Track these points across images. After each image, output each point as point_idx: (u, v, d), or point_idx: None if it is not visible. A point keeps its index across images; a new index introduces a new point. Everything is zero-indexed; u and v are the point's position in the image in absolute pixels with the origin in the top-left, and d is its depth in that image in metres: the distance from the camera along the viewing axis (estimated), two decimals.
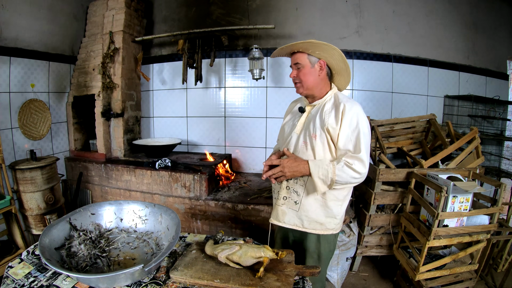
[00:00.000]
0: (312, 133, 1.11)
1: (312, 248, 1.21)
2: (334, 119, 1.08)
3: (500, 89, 2.75)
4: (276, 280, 0.88)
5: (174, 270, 0.94)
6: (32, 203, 2.13)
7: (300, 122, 1.19)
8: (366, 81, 2.57)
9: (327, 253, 1.24)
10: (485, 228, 1.61)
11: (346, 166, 1.02)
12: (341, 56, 1.12)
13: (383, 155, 1.88)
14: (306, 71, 1.14)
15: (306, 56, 1.14)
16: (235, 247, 0.97)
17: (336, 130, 1.07)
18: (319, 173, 1.03)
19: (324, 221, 1.16)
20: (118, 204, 1.24)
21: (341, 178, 1.02)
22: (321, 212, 1.16)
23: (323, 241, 1.20)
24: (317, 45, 1.09)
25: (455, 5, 2.58)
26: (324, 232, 1.18)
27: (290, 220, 1.19)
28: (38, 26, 2.33)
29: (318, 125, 1.11)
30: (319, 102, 1.17)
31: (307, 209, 1.15)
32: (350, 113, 1.06)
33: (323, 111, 1.12)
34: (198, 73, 2.52)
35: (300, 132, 1.17)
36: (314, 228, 1.17)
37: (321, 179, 1.03)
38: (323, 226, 1.17)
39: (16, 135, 2.22)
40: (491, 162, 2.68)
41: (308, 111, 1.19)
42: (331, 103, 1.13)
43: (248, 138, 2.73)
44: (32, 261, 1.01)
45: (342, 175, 1.02)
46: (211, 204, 2.11)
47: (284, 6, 2.54)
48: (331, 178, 1.02)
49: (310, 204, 1.15)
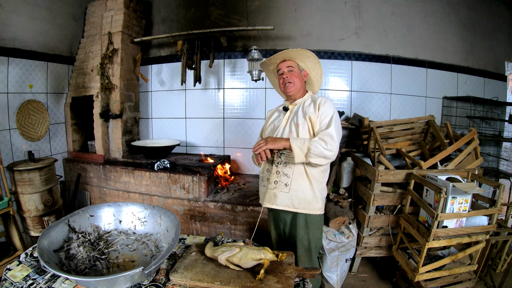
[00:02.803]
0: (296, 122, 1.34)
1: (302, 233, 1.37)
2: (313, 109, 1.33)
3: (498, 90, 2.77)
4: (277, 282, 0.88)
5: (174, 272, 0.93)
6: (30, 205, 2.11)
7: (285, 117, 1.42)
8: (365, 82, 2.58)
9: (316, 240, 1.40)
10: (484, 228, 1.61)
11: (320, 139, 1.23)
12: (321, 71, 1.44)
13: (382, 157, 1.88)
14: (297, 74, 1.40)
15: (297, 64, 1.41)
16: (235, 249, 0.96)
17: (314, 115, 1.31)
18: (297, 143, 1.23)
19: (311, 200, 1.34)
20: (117, 206, 1.23)
21: (315, 148, 1.20)
22: (309, 191, 1.34)
23: (311, 226, 1.37)
24: (307, 56, 1.37)
25: (454, 7, 2.59)
26: (311, 212, 1.35)
27: (282, 202, 1.35)
28: (37, 26, 2.32)
29: (301, 115, 1.35)
30: (299, 101, 1.42)
31: (296, 189, 1.33)
32: (325, 104, 1.32)
33: (304, 106, 1.38)
34: (197, 74, 2.52)
35: (285, 125, 1.39)
36: (303, 208, 1.34)
37: (299, 147, 1.22)
38: (311, 206, 1.35)
39: (14, 136, 2.21)
40: (489, 163, 2.69)
41: (291, 108, 1.43)
42: (310, 100, 1.39)
43: (247, 140, 2.73)
44: (31, 264, 1.01)
45: (316, 145, 1.21)
46: (210, 205, 2.11)
47: (283, 7, 2.54)
48: (308, 146, 1.21)
49: (299, 184, 1.33)
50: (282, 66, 1.40)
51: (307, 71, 1.45)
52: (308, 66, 1.43)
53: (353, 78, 2.57)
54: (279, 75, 1.44)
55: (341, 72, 2.55)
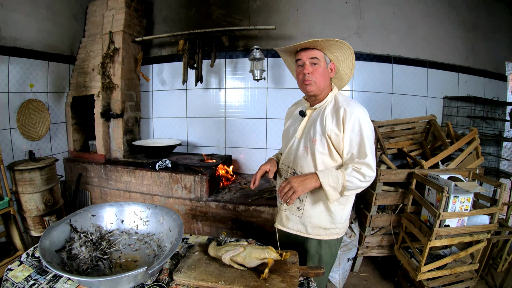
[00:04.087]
0: (312, 138, 1.09)
1: (313, 251, 1.20)
2: (336, 125, 1.05)
3: (499, 90, 2.77)
4: (281, 281, 0.88)
5: (178, 272, 0.93)
6: (31, 205, 2.11)
7: (301, 126, 1.17)
8: (366, 82, 2.58)
9: (329, 258, 1.22)
10: (486, 228, 1.61)
11: (355, 171, 1.01)
12: (353, 63, 1.13)
13: (384, 156, 1.89)
14: (322, 70, 1.09)
15: (323, 54, 1.10)
16: (239, 249, 0.96)
17: (339, 136, 1.05)
18: (329, 181, 1.01)
19: (328, 226, 1.15)
20: (119, 206, 1.23)
21: (351, 184, 1.01)
22: (325, 218, 1.14)
23: (324, 245, 1.19)
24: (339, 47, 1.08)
25: (454, 7, 2.60)
26: (327, 238, 1.17)
27: (294, 226, 1.19)
28: (37, 25, 2.31)
29: (319, 130, 1.08)
30: (319, 105, 1.14)
31: (310, 215, 1.14)
32: (352, 118, 1.03)
33: (324, 115, 1.09)
34: (198, 73, 2.52)
35: (301, 137, 1.15)
36: (318, 234, 1.16)
37: (332, 187, 1.01)
38: (327, 231, 1.16)
39: (14, 135, 2.20)
40: (489, 163, 2.70)
41: (308, 114, 1.17)
42: (331, 107, 1.10)
43: (249, 139, 2.72)
44: (32, 264, 1.00)
45: (352, 180, 1.01)
46: (212, 205, 2.10)
47: (285, 7, 2.54)
48: (342, 184, 1.00)
49: (313, 209, 1.14)
50: (304, 56, 1.08)
51: (336, 64, 1.14)
52: (337, 58, 1.12)
53: (354, 78, 2.57)
54: (297, 66, 1.13)
55: None
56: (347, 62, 1.14)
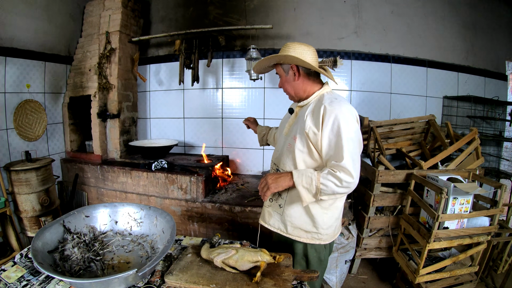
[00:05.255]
0: (294, 135, 1.09)
1: (300, 254, 1.15)
2: (314, 123, 1.01)
3: (499, 90, 2.75)
4: (274, 285, 0.86)
5: (169, 274, 0.91)
6: (27, 205, 2.10)
7: (289, 123, 1.19)
8: (365, 82, 2.56)
9: (317, 262, 1.16)
10: (486, 229, 1.59)
11: (331, 174, 0.93)
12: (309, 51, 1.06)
13: (382, 157, 1.86)
14: (283, 80, 1.16)
15: (280, 66, 1.15)
16: (232, 251, 0.95)
17: (317, 135, 1.00)
18: (302, 182, 0.96)
19: (310, 230, 1.11)
20: (113, 207, 1.22)
21: (326, 187, 0.94)
22: (306, 219, 1.10)
23: (311, 250, 1.14)
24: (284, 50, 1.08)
25: (454, 6, 2.57)
26: (310, 241, 1.12)
27: (275, 223, 1.18)
28: (34, 26, 2.30)
29: (299, 128, 1.07)
30: (305, 102, 1.13)
31: (290, 214, 1.12)
32: (331, 116, 0.97)
33: (306, 113, 1.07)
34: (195, 73, 2.50)
35: (287, 134, 1.17)
36: (298, 236, 1.13)
37: (305, 188, 0.96)
38: (309, 235, 1.12)
39: (11, 136, 2.19)
40: (490, 163, 2.67)
41: (296, 112, 1.17)
42: (315, 104, 1.07)
43: (246, 140, 2.71)
44: (25, 265, 0.99)
45: (327, 184, 0.93)
46: (208, 206, 2.09)
47: (282, 6, 2.52)
48: (316, 186, 0.94)
49: (293, 209, 1.11)
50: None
51: (295, 64, 1.09)
52: (293, 60, 1.06)
53: (352, 78, 2.55)
54: None
55: (341, 71, 2.53)
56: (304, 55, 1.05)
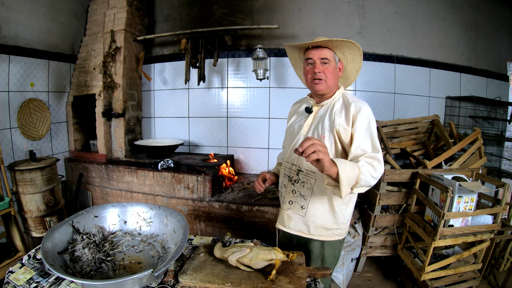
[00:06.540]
0: (321, 134, 1.07)
1: (316, 253, 1.18)
2: (345, 120, 1.05)
3: (501, 90, 2.77)
4: (288, 282, 0.87)
5: (183, 274, 0.92)
6: (31, 205, 2.09)
7: (307, 123, 1.15)
8: (369, 82, 2.57)
9: (331, 259, 1.19)
10: (490, 227, 1.62)
11: (368, 164, 0.95)
12: (360, 65, 1.16)
13: (388, 156, 1.88)
14: (332, 69, 1.10)
15: (333, 54, 1.11)
16: (246, 250, 0.95)
17: (347, 130, 1.03)
18: (346, 169, 0.88)
19: (331, 227, 1.14)
20: (121, 206, 1.21)
21: (364, 177, 0.93)
22: (328, 217, 1.13)
23: (327, 247, 1.17)
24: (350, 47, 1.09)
25: (457, 7, 2.59)
26: (330, 238, 1.15)
27: (296, 226, 1.16)
28: (38, 24, 2.29)
29: (327, 126, 1.07)
30: (327, 102, 1.13)
31: (314, 214, 1.12)
32: (361, 113, 1.03)
33: (333, 111, 1.09)
34: (201, 73, 2.50)
35: (306, 134, 1.14)
36: (320, 235, 1.14)
37: (348, 177, 0.88)
38: (329, 232, 1.14)
39: (15, 135, 2.18)
40: (491, 163, 2.70)
41: (315, 111, 1.15)
42: (340, 103, 1.10)
43: (251, 139, 2.71)
44: (34, 266, 0.98)
45: (365, 173, 0.93)
46: (215, 205, 2.09)
47: (287, 6, 2.53)
48: (357, 175, 0.91)
49: (317, 208, 1.12)
50: (315, 55, 1.08)
51: (344, 64, 1.16)
52: (346, 58, 1.14)
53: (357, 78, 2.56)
54: (307, 64, 1.12)
55: None
56: (355, 63, 1.16)
